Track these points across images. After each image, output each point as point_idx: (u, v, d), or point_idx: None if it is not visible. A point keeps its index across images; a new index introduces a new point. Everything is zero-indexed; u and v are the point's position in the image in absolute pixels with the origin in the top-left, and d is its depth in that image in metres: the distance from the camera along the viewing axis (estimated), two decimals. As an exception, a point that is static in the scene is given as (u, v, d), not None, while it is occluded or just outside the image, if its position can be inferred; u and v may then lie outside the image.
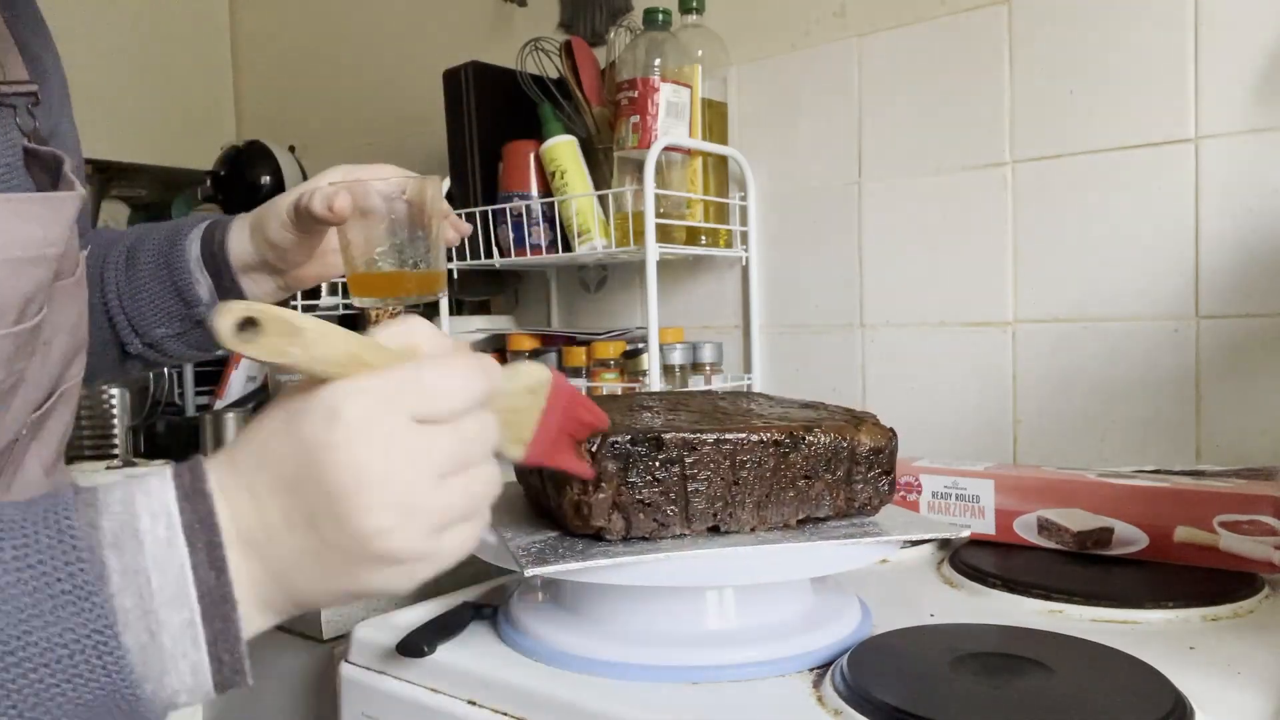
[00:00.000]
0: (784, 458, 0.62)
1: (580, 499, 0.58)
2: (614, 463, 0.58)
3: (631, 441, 0.58)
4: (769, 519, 0.63)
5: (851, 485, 0.65)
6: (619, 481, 0.58)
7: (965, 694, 0.54)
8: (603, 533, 0.59)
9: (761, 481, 0.62)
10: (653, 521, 0.60)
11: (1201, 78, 0.94)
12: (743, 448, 0.61)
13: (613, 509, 0.59)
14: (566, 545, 0.61)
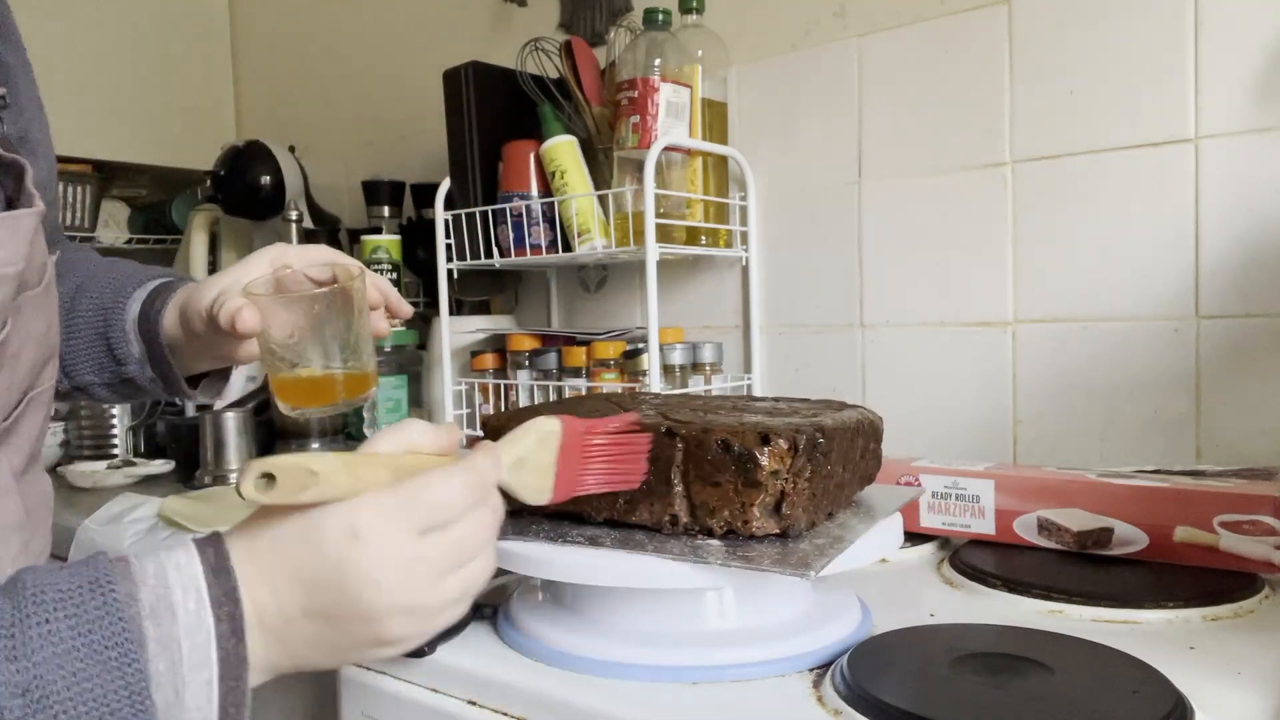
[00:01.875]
0: (851, 442, 0.66)
1: (781, 496, 0.59)
2: (804, 457, 0.59)
3: (817, 435, 0.60)
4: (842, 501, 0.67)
5: (866, 462, 0.70)
6: (809, 474, 0.59)
7: (965, 694, 0.54)
8: (791, 528, 0.59)
9: (846, 467, 0.66)
10: (813, 515, 0.61)
11: (1201, 78, 0.94)
12: (844, 436, 0.64)
13: (807, 502, 0.60)
14: (780, 547, 0.60)
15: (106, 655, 0.39)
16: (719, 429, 0.60)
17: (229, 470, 1.28)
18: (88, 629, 0.39)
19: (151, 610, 0.40)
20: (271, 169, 1.65)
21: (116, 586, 0.40)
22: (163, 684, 0.39)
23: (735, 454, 0.59)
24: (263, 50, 2.07)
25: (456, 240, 1.30)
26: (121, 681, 0.39)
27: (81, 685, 0.38)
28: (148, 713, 0.39)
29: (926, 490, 0.87)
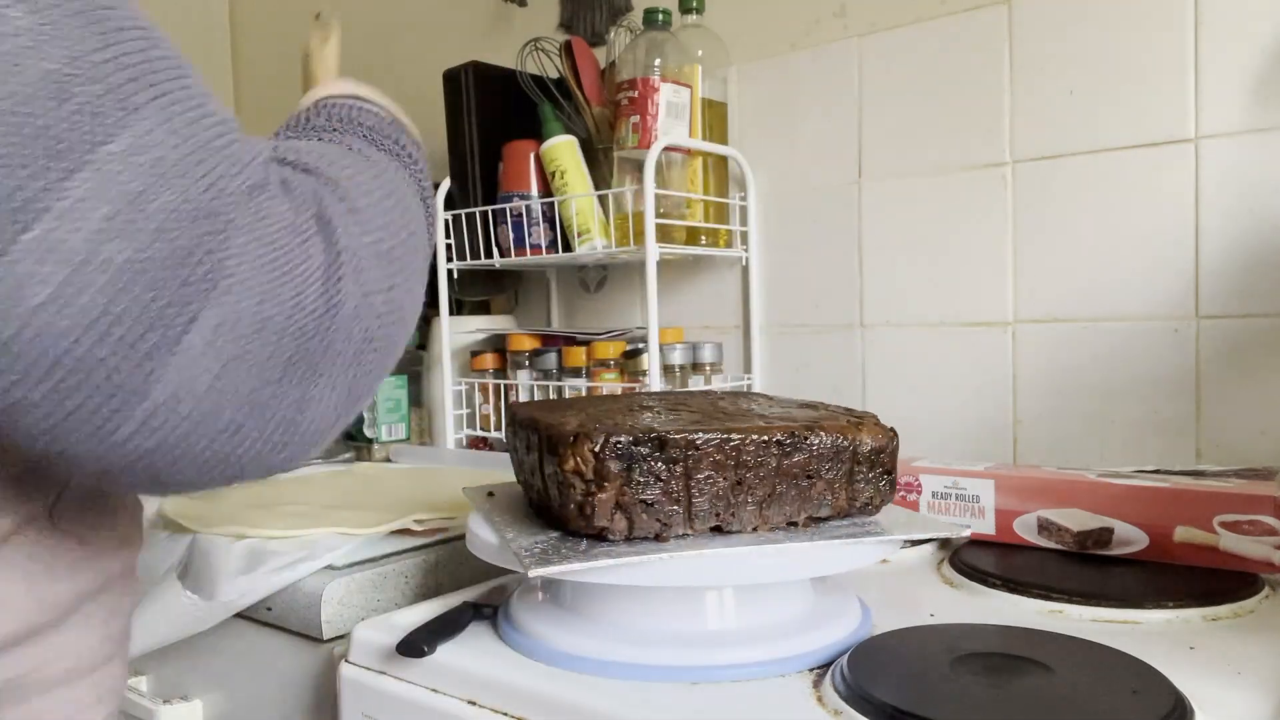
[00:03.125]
0: (786, 457, 0.62)
1: (584, 499, 0.58)
2: (617, 463, 0.58)
3: (634, 441, 0.58)
4: (771, 519, 0.63)
5: (853, 485, 0.65)
6: (622, 481, 0.58)
7: (965, 694, 0.54)
8: (606, 533, 0.59)
9: (764, 481, 0.61)
10: (656, 522, 0.60)
11: (1201, 78, 0.94)
12: (745, 447, 0.61)
13: (616, 509, 0.59)
14: (569, 545, 0.61)
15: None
16: (554, 425, 0.61)
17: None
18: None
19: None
20: (271, 169, 1.65)
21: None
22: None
23: (550, 449, 0.61)
24: (263, 50, 2.06)
25: (456, 240, 1.30)
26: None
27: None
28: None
29: (927, 490, 0.87)
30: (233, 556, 0.84)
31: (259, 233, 0.37)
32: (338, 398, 0.41)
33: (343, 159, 0.47)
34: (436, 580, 0.87)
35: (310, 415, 0.40)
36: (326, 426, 0.42)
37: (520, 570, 0.57)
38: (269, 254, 0.37)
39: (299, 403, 0.40)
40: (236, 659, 0.87)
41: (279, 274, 0.38)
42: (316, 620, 0.79)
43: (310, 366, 0.39)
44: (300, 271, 0.39)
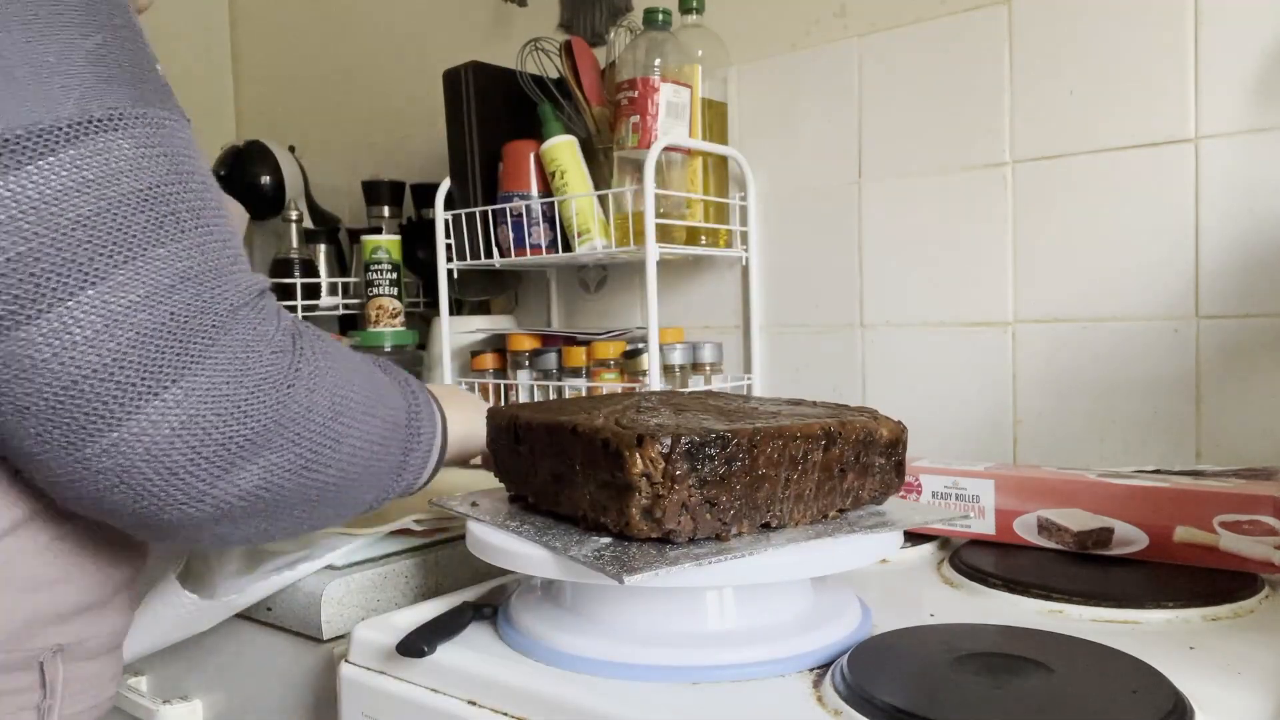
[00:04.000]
0: (825, 451, 0.63)
1: (652, 502, 0.58)
2: (685, 463, 0.58)
3: (702, 442, 0.58)
4: (809, 513, 0.64)
5: (870, 476, 0.66)
6: (690, 482, 0.58)
7: (965, 694, 0.54)
8: (672, 535, 0.59)
9: (806, 476, 0.62)
10: (718, 521, 0.60)
11: (1201, 78, 0.94)
12: (796, 443, 0.61)
13: (682, 510, 0.59)
14: (639, 550, 0.59)
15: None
16: (606, 429, 0.60)
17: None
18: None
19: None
20: (271, 169, 1.65)
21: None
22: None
23: (611, 453, 0.59)
24: (263, 50, 2.06)
25: (456, 240, 1.30)
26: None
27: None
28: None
29: (927, 490, 0.87)
30: (232, 557, 0.84)
31: (242, 333, 0.50)
32: (255, 484, 0.51)
33: (345, 350, 0.59)
34: (436, 580, 0.87)
35: (230, 481, 0.50)
36: (237, 499, 0.51)
37: (614, 581, 0.55)
38: (246, 347, 0.50)
39: (226, 468, 0.49)
40: (236, 659, 0.87)
41: (249, 363, 0.50)
42: (316, 620, 0.79)
43: (248, 441, 0.50)
44: (267, 366, 0.50)
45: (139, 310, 0.46)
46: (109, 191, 0.46)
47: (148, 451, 0.47)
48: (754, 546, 0.59)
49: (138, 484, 0.48)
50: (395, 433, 0.61)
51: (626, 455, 0.57)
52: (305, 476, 0.53)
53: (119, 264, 0.46)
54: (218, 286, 0.49)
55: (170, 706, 0.90)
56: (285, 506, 0.53)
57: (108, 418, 0.46)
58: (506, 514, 0.71)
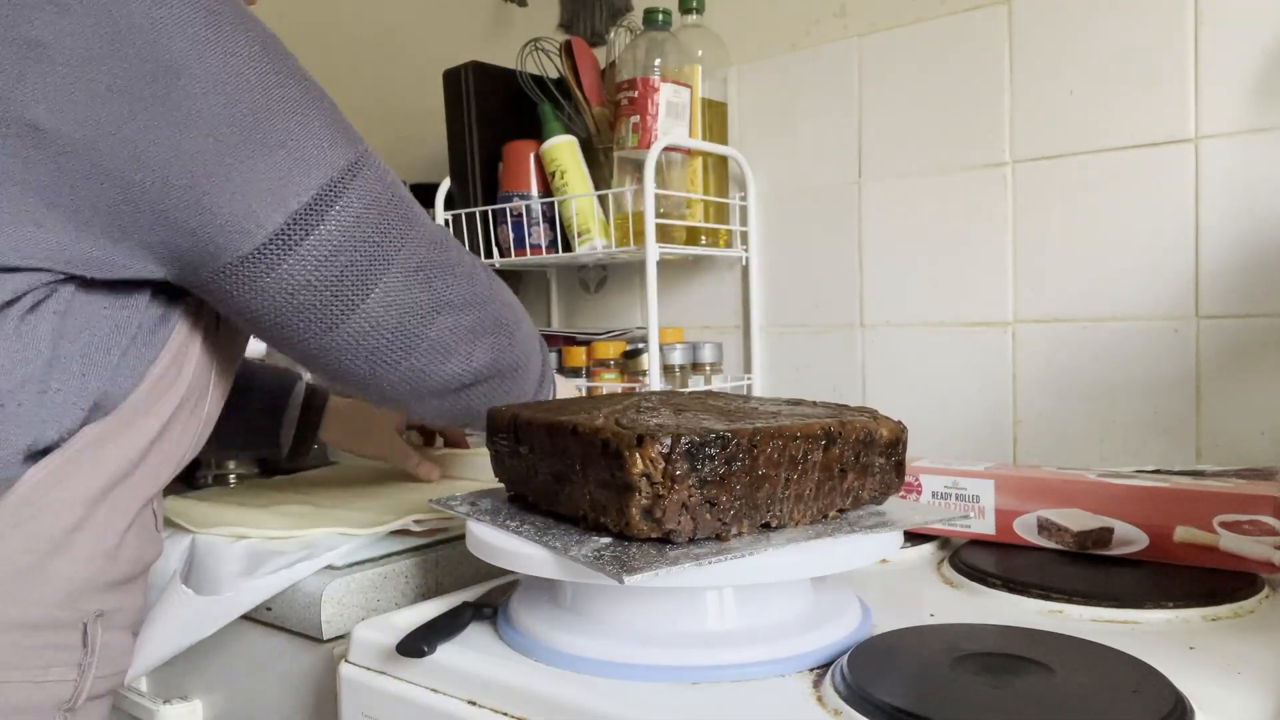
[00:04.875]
0: (825, 451, 0.63)
1: (652, 502, 0.58)
2: (686, 463, 0.58)
3: (702, 442, 0.58)
4: (809, 513, 0.64)
5: (870, 476, 0.66)
6: (691, 482, 0.58)
7: (965, 694, 0.54)
8: (672, 535, 0.58)
9: (806, 476, 0.62)
10: (718, 521, 0.60)
11: (1201, 78, 0.94)
12: (796, 443, 0.61)
13: (682, 510, 0.58)
14: (639, 550, 0.59)
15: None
16: (606, 429, 0.60)
17: (229, 470, 1.28)
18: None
19: None
20: (271, 169, 1.65)
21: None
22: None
23: (611, 453, 0.59)
24: (263, 50, 2.06)
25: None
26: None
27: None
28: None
29: (927, 490, 0.87)
30: (232, 558, 0.84)
31: (464, 266, 0.72)
32: (487, 359, 0.75)
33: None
34: (436, 580, 0.87)
35: (475, 360, 0.74)
36: (482, 370, 0.75)
37: (614, 581, 0.55)
38: (468, 274, 0.73)
39: (471, 350, 0.73)
40: (236, 659, 0.88)
41: (473, 282, 0.73)
42: (316, 620, 0.79)
43: (481, 330, 0.73)
44: (479, 282, 0.74)
45: (419, 270, 0.67)
46: (378, 206, 0.64)
47: (440, 349, 0.71)
48: (754, 546, 0.59)
49: (436, 371, 0.72)
50: (537, 345, 0.82)
51: (626, 455, 0.57)
52: (510, 351, 0.76)
53: (399, 248, 0.65)
54: (444, 240, 0.71)
55: (170, 706, 0.90)
56: (502, 374, 0.76)
57: (417, 335, 0.69)
58: (506, 514, 0.71)
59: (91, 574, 0.61)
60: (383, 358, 0.68)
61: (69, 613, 0.60)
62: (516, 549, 0.63)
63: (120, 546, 0.64)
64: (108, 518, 0.62)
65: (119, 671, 0.67)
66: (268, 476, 1.25)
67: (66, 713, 0.61)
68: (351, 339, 0.66)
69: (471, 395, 0.76)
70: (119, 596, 0.65)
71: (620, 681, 0.59)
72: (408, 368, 0.70)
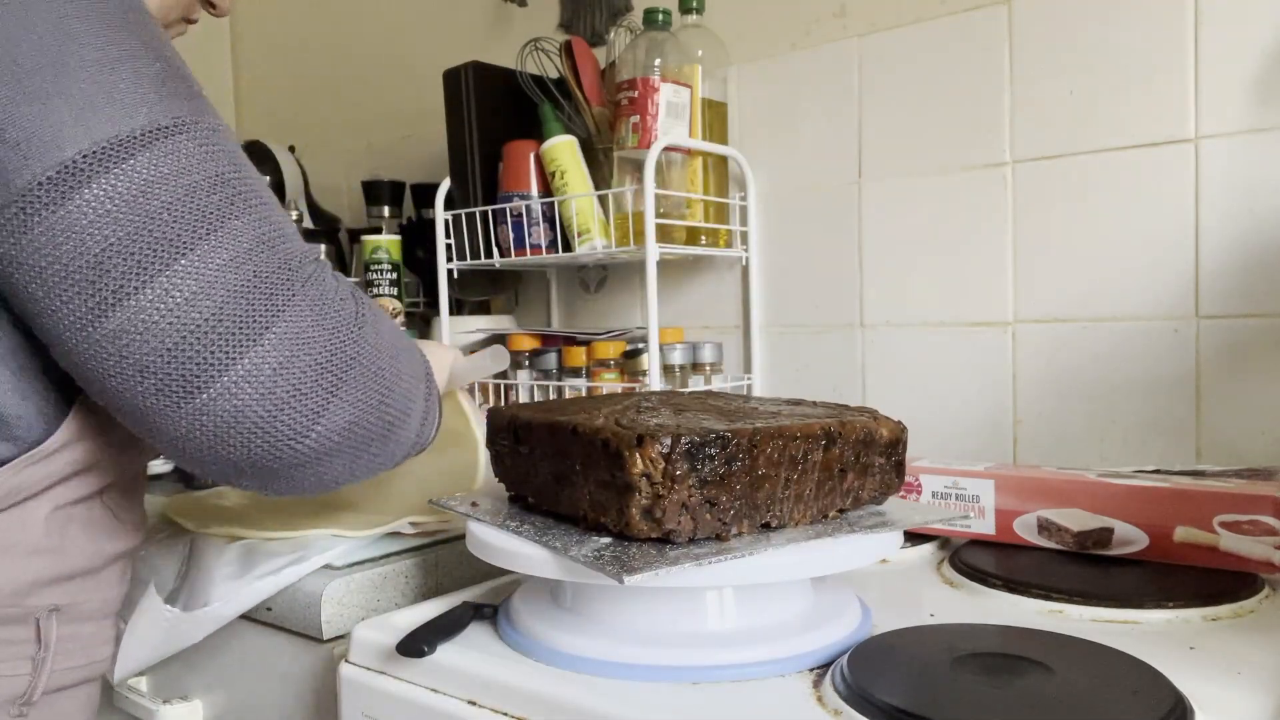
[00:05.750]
0: (825, 451, 0.63)
1: (652, 502, 0.58)
2: (686, 463, 0.58)
3: (702, 442, 0.58)
4: (809, 513, 0.64)
5: (870, 476, 0.66)
6: (690, 483, 0.58)
7: (965, 694, 0.54)
8: (672, 535, 0.58)
9: (807, 476, 0.62)
10: (718, 521, 0.60)
11: (1201, 78, 0.94)
12: (796, 443, 0.61)
13: (682, 510, 0.58)
14: (639, 550, 0.59)
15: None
16: (606, 429, 0.60)
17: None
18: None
19: None
20: (271, 169, 1.65)
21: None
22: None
23: (611, 453, 0.59)
24: (263, 50, 2.06)
25: (456, 240, 1.30)
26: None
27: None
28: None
29: (927, 490, 0.87)
30: (225, 559, 0.84)
31: (316, 284, 0.58)
32: (347, 417, 0.58)
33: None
34: (436, 580, 0.87)
35: (329, 415, 0.57)
36: (335, 434, 0.57)
37: (614, 581, 0.55)
38: (320, 298, 0.57)
39: (325, 401, 0.56)
40: (236, 659, 0.87)
41: (325, 309, 0.57)
42: (316, 620, 0.79)
43: (337, 377, 0.57)
44: (338, 312, 0.58)
45: (227, 271, 0.54)
46: (185, 181, 0.54)
47: (255, 391, 0.54)
48: (754, 546, 0.59)
49: (250, 423, 0.55)
50: (421, 374, 0.67)
51: (626, 455, 0.57)
52: (381, 410, 0.61)
53: (203, 236, 0.53)
54: (287, 247, 0.57)
55: (170, 706, 0.90)
56: (365, 441, 0.60)
57: (216, 365, 0.53)
58: (506, 514, 0.71)
59: (36, 572, 0.60)
60: (158, 384, 0.53)
61: (15, 609, 0.60)
62: (516, 549, 0.63)
63: (64, 543, 0.62)
64: (41, 519, 0.60)
65: (92, 662, 0.66)
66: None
67: (23, 706, 0.61)
68: (113, 347, 0.52)
69: (324, 469, 0.59)
70: (79, 589, 0.64)
71: (620, 681, 0.59)
72: (198, 410, 0.54)
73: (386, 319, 0.64)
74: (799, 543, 0.61)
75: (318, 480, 0.60)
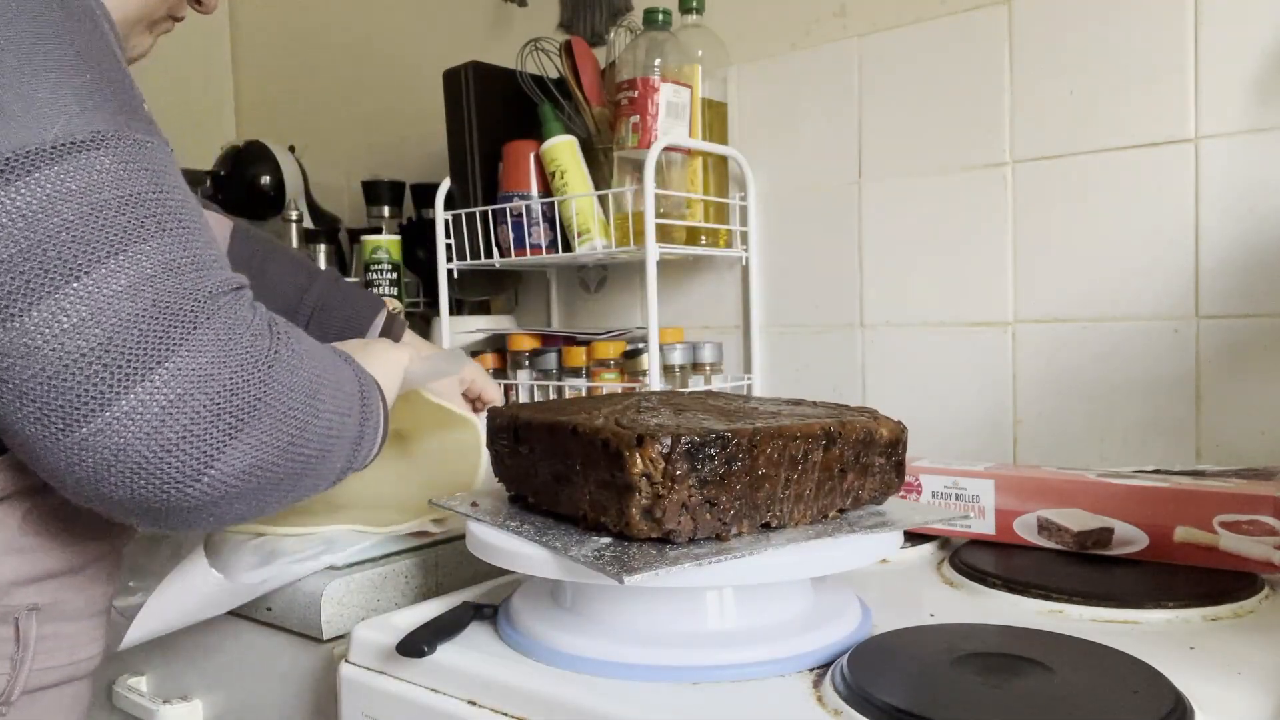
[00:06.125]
0: (825, 451, 0.63)
1: (652, 502, 0.58)
2: (686, 464, 0.58)
3: (702, 442, 0.58)
4: (809, 513, 0.64)
5: (870, 476, 0.66)
6: (690, 483, 0.58)
7: (965, 694, 0.54)
8: (672, 535, 0.58)
9: (807, 475, 0.62)
10: (718, 521, 0.60)
11: (1201, 78, 0.94)
12: (796, 443, 0.61)
13: (682, 510, 0.58)
14: (639, 550, 0.59)
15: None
16: (606, 429, 0.60)
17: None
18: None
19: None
20: (271, 169, 1.65)
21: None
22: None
23: (611, 453, 0.59)
24: (263, 50, 2.06)
25: (456, 240, 1.30)
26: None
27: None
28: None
29: (927, 490, 0.87)
30: (247, 552, 0.84)
31: (224, 318, 0.53)
32: (248, 461, 0.54)
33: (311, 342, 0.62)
34: (436, 580, 0.87)
35: (225, 460, 0.53)
36: (232, 478, 0.53)
37: (614, 581, 0.55)
38: (227, 331, 0.53)
39: (220, 445, 0.52)
40: (236, 659, 0.87)
41: (231, 345, 0.53)
42: (316, 620, 0.79)
43: (237, 419, 0.53)
44: (247, 349, 0.54)
45: (123, 298, 0.50)
46: (92, 199, 0.50)
47: (140, 430, 0.50)
48: (754, 546, 0.59)
49: (133, 463, 0.51)
50: (353, 404, 0.63)
51: (626, 455, 0.57)
52: (291, 452, 0.56)
53: (102, 259, 0.50)
54: (199, 276, 0.53)
55: (170, 706, 0.90)
56: (273, 483, 0.56)
57: (99, 399, 0.50)
58: (506, 514, 0.71)
59: (13, 571, 0.59)
60: (38, 413, 0.50)
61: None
62: (516, 549, 0.63)
63: (43, 542, 0.61)
64: (17, 518, 0.59)
65: (75, 661, 0.64)
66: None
67: (1, 705, 0.60)
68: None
69: (223, 512, 0.56)
70: (59, 588, 0.62)
71: (620, 681, 0.59)
72: (78, 444, 0.50)
73: (312, 352, 0.60)
74: (799, 543, 0.61)
75: (217, 521, 0.56)
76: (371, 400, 0.66)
